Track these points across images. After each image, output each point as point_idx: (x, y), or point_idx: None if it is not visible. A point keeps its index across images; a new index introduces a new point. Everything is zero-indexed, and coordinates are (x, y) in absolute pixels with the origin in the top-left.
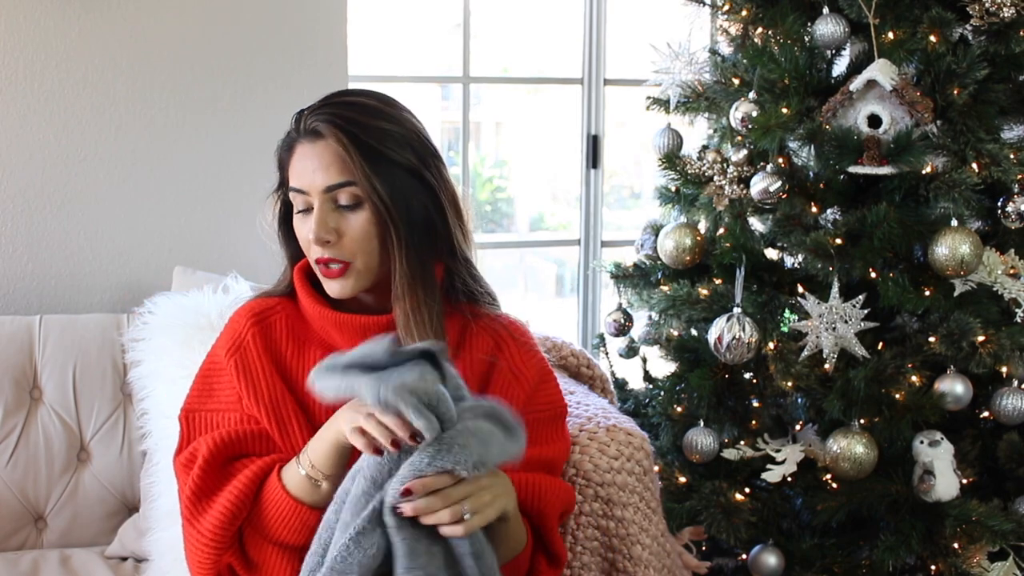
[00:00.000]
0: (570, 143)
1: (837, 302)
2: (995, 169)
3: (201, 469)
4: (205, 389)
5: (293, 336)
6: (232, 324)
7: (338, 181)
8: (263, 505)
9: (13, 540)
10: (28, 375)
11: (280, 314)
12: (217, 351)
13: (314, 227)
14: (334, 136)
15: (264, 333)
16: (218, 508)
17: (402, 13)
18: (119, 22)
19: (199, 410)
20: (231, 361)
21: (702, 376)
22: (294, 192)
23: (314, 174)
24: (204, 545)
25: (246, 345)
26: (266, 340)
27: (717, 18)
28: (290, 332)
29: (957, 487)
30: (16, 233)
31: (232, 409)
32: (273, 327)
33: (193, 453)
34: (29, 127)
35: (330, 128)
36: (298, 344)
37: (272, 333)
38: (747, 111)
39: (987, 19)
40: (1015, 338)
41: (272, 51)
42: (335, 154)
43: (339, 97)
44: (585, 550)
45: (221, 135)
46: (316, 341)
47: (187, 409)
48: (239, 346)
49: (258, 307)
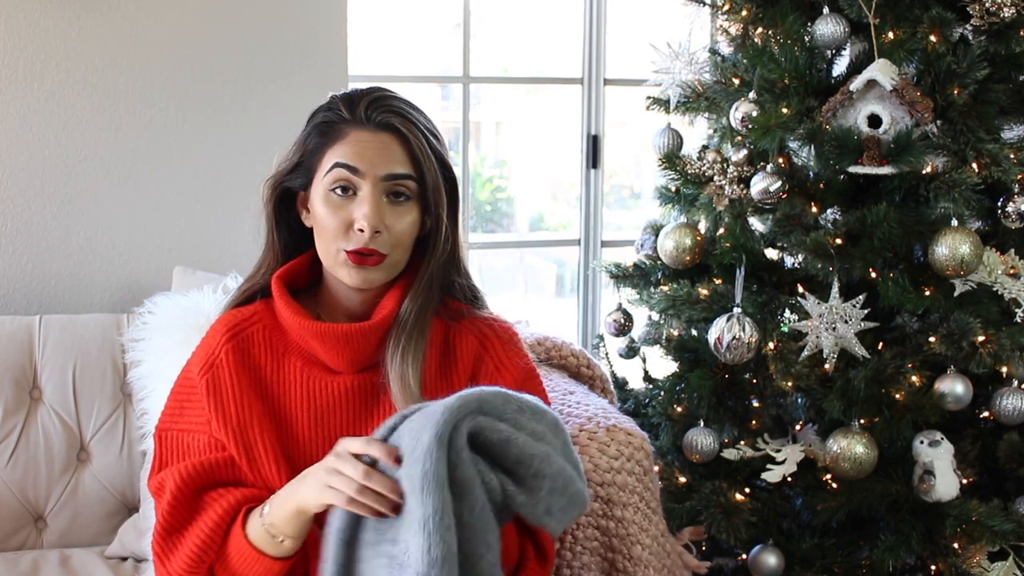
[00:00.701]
0: (570, 143)
1: (837, 302)
2: (995, 169)
3: (169, 504)
4: (177, 408)
5: (271, 348)
6: (207, 340)
7: (401, 172)
8: (229, 549)
9: (13, 540)
10: (28, 375)
11: (257, 325)
12: (191, 368)
13: (369, 213)
14: (408, 129)
15: (240, 348)
16: (186, 549)
17: (402, 13)
18: (119, 22)
19: (171, 429)
20: (203, 380)
21: (702, 376)
22: (343, 168)
23: (375, 159)
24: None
25: (219, 364)
26: (242, 355)
27: (717, 18)
28: (267, 344)
29: (957, 487)
30: (16, 233)
31: (201, 431)
32: (250, 341)
33: (161, 483)
34: (29, 127)
35: (403, 121)
36: (276, 356)
37: (249, 348)
38: (747, 111)
39: (987, 19)
40: (1015, 338)
41: (272, 51)
42: (402, 147)
43: (389, 93)
44: (585, 550)
45: (221, 135)
46: (295, 351)
47: (160, 428)
48: (212, 364)
49: (233, 320)
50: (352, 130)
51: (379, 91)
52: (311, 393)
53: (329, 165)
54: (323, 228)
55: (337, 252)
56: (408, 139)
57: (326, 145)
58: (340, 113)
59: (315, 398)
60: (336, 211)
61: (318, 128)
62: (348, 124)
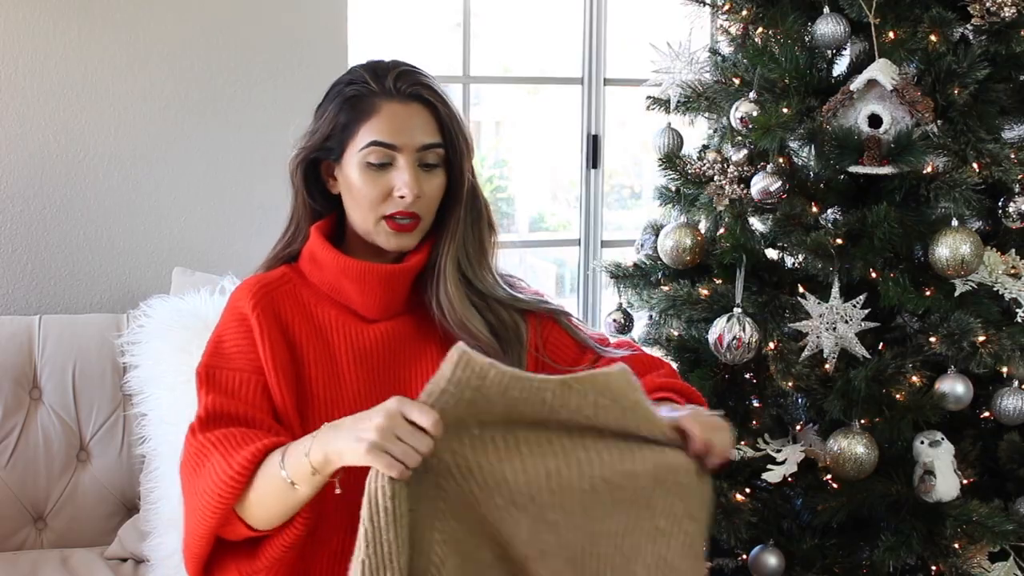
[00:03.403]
0: (570, 143)
1: (837, 302)
2: (996, 169)
3: None
4: (216, 356)
5: (299, 305)
6: (231, 304)
7: (434, 141)
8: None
9: (13, 540)
10: (28, 375)
11: (284, 287)
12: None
13: (410, 181)
14: (436, 99)
15: (268, 308)
16: (249, 450)
17: (402, 13)
18: (119, 22)
19: (218, 367)
20: (247, 323)
21: (702, 376)
22: (381, 147)
23: (412, 132)
24: (231, 477)
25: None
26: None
27: (717, 18)
28: (295, 301)
29: (958, 487)
30: (16, 233)
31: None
32: (278, 301)
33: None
34: (29, 127)
35: (431, 92)
36: (305, 312)
37: (277, 308)
38: (747, 111)
39: (988, 19)
40: (1016, 338)
41: (272, 51)
42: (430, 117)
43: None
44: None
45: (221, 135)
46: (326, 302)
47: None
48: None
49: (257, 283)
50: (384, 103)
51: (402, 64)
52: (350, 338)
53: (365, 141)
54: (362, 197)
55: (377, 219)
56: (437, 108)
57: (359, 120)
58: (369, 87)
59: (354, 342)
60: (375, 181)
61: (349, 102)
62: (378, 96)
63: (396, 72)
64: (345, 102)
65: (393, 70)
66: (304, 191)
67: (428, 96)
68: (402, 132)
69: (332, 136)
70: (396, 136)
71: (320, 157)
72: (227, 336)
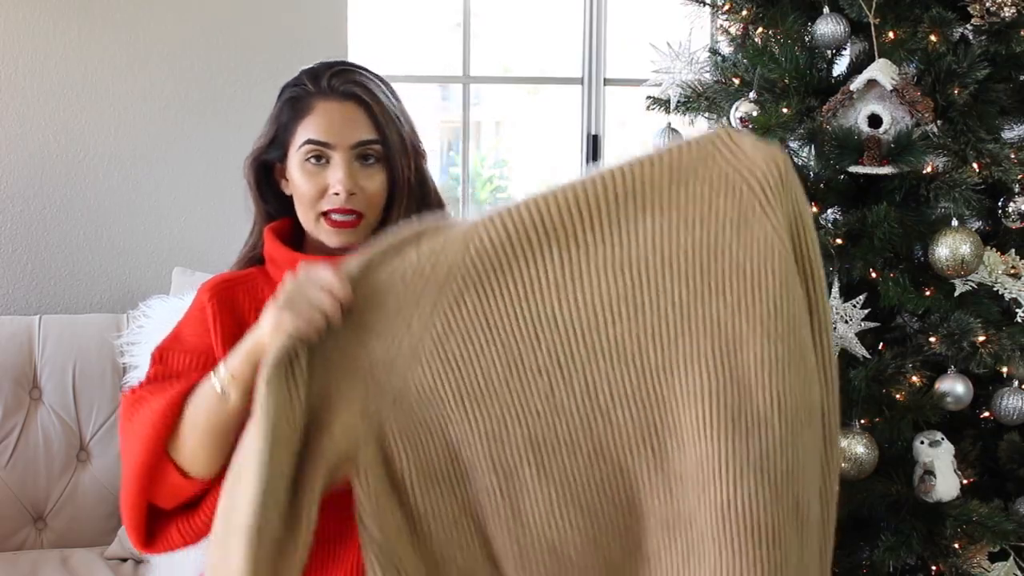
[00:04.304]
0: (570, 143)
1: (838, 302)
2: (996, 169)
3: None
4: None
5: (257, 302)
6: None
7: (369, 138)
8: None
9: (13, 540)
10: (28, 375)
11: (246, 284)
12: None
13: (343, 177)
14: (369, 97)
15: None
16: (181, 383)
17: (402, 13)
18: (119, 22)
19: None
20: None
21: None
22: (315, 145)
23: (343, 129)
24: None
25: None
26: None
27: (717, 18)
28: (254, 298)
29: (958, 487)
30: (16, 233)
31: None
32: (237, 296)
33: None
34: (29, 127)
35: (364, 90)
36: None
37: (234, 301)
38: (747, 111)
39: (988, 19)
40: (1016, 338)
41: (272, 51)
42: (366, 114)
43: (350, 65)
44: None
45: (221, 135)
46: None
47: None
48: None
49: (220, 279)
50: (318, 102)
51: (342, 63)
52: None
53: (302, 140)
54: (302, 195)
55: (316, 217)
56: (370, 106)
57: (296, 119)
58: (306, 87)
59: None
60: (312, 178)
61: (288, 103)
62: (314, 96)
63: (332, 71)
64: (286, 103)
65: (330, 69)
66: (257, 193)
67: (361, 94)
68: (335, 130)
69: (276, 137)
70: (329, 134)
71: (270, 159)
72: (184, 324)
